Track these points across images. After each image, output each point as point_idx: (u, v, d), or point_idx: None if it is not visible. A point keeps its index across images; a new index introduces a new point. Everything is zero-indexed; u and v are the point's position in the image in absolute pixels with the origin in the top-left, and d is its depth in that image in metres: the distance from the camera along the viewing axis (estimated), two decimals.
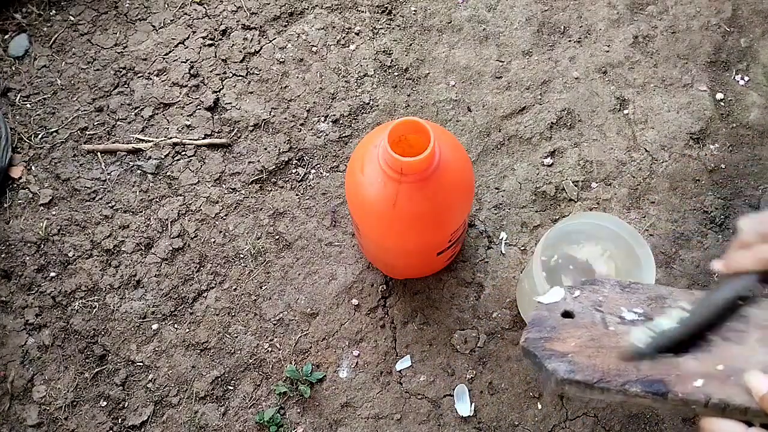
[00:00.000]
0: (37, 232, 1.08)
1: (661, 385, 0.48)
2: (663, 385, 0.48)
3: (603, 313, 0.55)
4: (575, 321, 0.55)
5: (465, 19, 1.22)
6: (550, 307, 0.57)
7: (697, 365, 0.49)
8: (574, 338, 0.53)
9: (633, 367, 0.50)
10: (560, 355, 0.51)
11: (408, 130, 0.76)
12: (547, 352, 0.52)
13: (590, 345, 0.52)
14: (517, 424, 0.98)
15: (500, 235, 1.08)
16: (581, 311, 0.56)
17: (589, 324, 0.55)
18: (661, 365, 0.50)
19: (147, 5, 1.24)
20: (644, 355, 0.51)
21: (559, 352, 0.52)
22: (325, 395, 1.00)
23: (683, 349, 0.51)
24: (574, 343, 0.52)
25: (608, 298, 0.56)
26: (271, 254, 1.08)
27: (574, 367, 0.50)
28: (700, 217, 1.09)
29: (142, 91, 1.17)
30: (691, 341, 0.51)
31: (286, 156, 1.13)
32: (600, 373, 0.50)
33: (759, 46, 1.20)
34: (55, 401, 1.00)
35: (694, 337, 0.52)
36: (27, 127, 1.15)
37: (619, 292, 0.57)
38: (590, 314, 0.55)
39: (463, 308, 1.04)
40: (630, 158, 1.12)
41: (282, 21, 1.23)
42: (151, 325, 1.04)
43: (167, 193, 1.11)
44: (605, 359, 0.51)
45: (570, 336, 0.53)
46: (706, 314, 0.52)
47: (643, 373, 0.49)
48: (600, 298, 0.57)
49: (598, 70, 1.18)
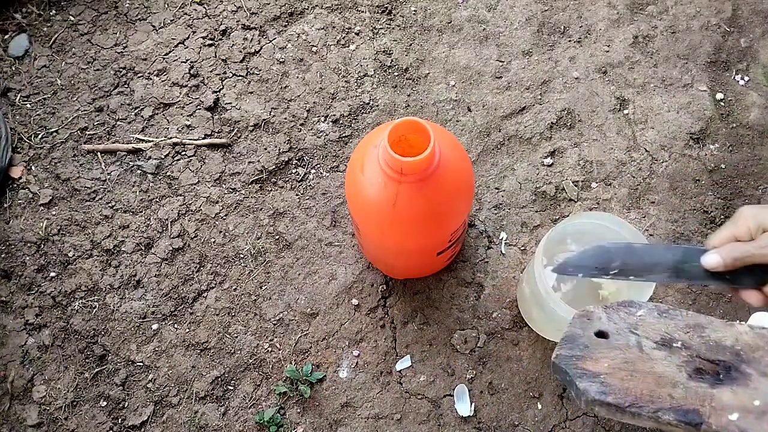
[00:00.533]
0: (37, 232, 1.08)
1: (695, 415, 0.47)
2: (697, 416, 0.47)
3: (639, 336, 0.54)
4: (609, 342, 0.54)
5: (465, 19, 1.22)
6: (584, 324, 0.56)
7: (733, 398, 0.48)
8: (608, 359, 0.52)
9: (667, 394, 0.49)
10: (592, 375, 0.51)
11: (408, 130, 0.76)
12: (579, 370, 0.51)
13: (624, 368, 0.52)
14: (517, 424, 0.98)
15: (500, 235, 1.08)
16: (616, 332, 0.55)
17: (623, 346, 0.54)
18: (696, 395, 0.49)
19: (147, 5, 1.24)
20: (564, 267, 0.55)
21: (591, 372, 0.51)
22: (325, 395, 1.00)
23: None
24: (608, 364, 0.52)
25: (644, 322, 0.56)
26: (271, 254, 1.08)
27: (606, 389, 0.50)
28: (700, 217, 1.09)
29: (142, 91, 1.17)
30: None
31: (286, 156, 1.13)
32: (632, 398, 0.49)
33: (759, 46, 1.20)
34: (55, 401, 1.00)
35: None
36: (27, 127, 1.15)
37: (656, 317, 0.56)
38: (625, 336, 0.55)
39: (463, 308, 1.04)
40: (630, 158, 1.12)
41: (282, 21, 1.23)
42: (151, 325, 1.04)
43: (167, 193, 1.11)
44: (639, 383, 0.50)
45: (603, 356, 0.53)
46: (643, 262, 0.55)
47: (678, 401, 0.48)
48: (636, 321, 0.56)
49: (598, 70, 1.18)
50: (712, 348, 0.53)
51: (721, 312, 1.02)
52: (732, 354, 0.52)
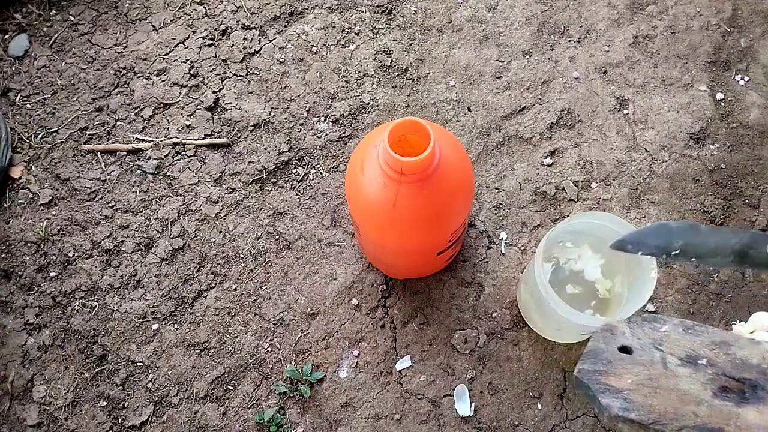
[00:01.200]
0: (37, 232, 1.08)
1: None
2: None
3: (663, 353, 0.54)
4: (633, 357, 0.54)
5: (465, 19, 1.22)
6: (607, 339, 0.55)
7: (759, 417, 0.48)
8: (631, 375, 0.52)
9: (691, 412, 0.49)
10: (615, 391, 0.50)
11: (408, 130, 0.76)
12: (602, 386, 0.51)
13: (647, 384, 0.51)
14: (517, 424, 0.98)
15: (500, 235, 1.08)
16: (640, 348, 0.55)
17: (647, 362, 0.53)
18: (721, 413, 0.48)
19: (147, 5, 1.24)
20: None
21: (615, 388, 0.51)
22: (325, 395, 1.00)
23: None
24: (631, 380, 0.51)
25: (669, 338, 0.55)
26: (271, 254, 1.08)
27: (629, 405, 0.49)
28: (700, 217, 1.09)
29: (142, 91, 1.17)
30: None
31: (286, 156, 1.13)
32: (656, 415, 0.49)
33: (759, 46, 1.20)
34: (55, 401, 1.00)
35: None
36: (27, 127, 1.15)
37: (681, 333, 0.56)
38: (650, 352, 0.54)
39: (463, 308, 1.04)
40: (630, 158, 1.12)
41: (282, 21, 1.23)
42: (151, 325, 1.04)
43: (167, 193, 1.11)
44: (662, 400, 0.50)
45: (627, 372, 0.52)
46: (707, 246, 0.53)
47: (702, 419, 0.48)
48: (660, 337, 0.55)
49: (598, 70, 1.18)
50: (738, 366, 0.52)
51: (721, 312, 1.02)
52: (758, 372, 0.51)
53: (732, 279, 1.04)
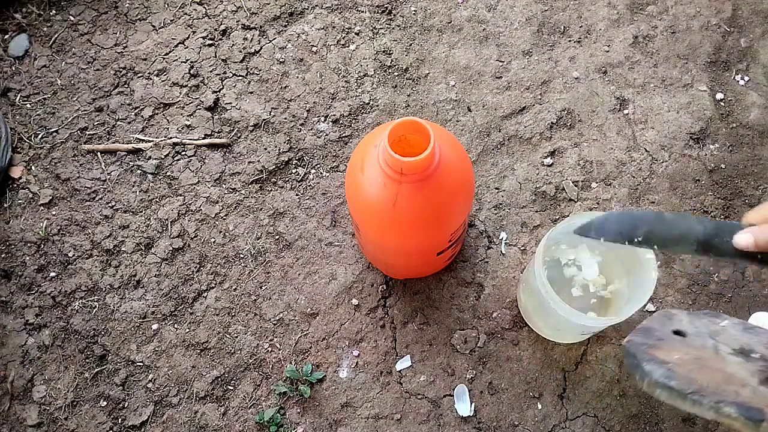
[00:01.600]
0: (37, 232, 1.08)
1: (759, 413, 0.46)
2: (760, 413, 0.46)
3: (716, 342, 0.53)
4: (685, 340, 0.53)
5: (465, 19, 1.22)
6: (663, 321, 0.54)
7: None
8: (680, 353, 0.51)
9: (733, 391, 0.48)
10: (661, 362, 0.50)
11: (408, 130, 0.76)
12: (648, 356, 0.50)
13: (694, 363, 0.50)
14: (517, 424, 0.98)
15: (500, 235, 1.08)
16: (695, 334, 0.54)
17: (699, 346, 0.52)
18: (764, 398, 0.48)
19: (147, 5, 1.24)
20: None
21: (660, 360, 0.50)
22: (325, 395, 1.00)
23: None
24: (678, 357, 0.51)
25: (726, 332, 0.54)
26: (271, 254, 1.08)
27: (671, 374, 0.49)
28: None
29: (142, 91, 1.17)
30: None
31: (286, 156, 1.13)
32: (697, 386, 0.48)
33: (759, 46, 1.20)
34: (55, 401, 1.00)
35: None
36: (27, 127, 1.15)
37: (740, 330, 0.55)
38: (703, 339, 0.53)
39: (463, 308, 1.04)
40: (630, 158, 1.12)
41: (282, 21, 1.23)
42: (151, 325, 1.04)
43: (167, 193, 1.11)
44: (706, 377, 0.49)
45: (676, 350, 0.51)
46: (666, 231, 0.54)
47: (743, 399, 0.47)
48: (718, 330, 0.54)
49: (598, 70, 1.18)
50: None
51: (720, 312, 1.02)
52: None
53: (732, 279, 1.04)
